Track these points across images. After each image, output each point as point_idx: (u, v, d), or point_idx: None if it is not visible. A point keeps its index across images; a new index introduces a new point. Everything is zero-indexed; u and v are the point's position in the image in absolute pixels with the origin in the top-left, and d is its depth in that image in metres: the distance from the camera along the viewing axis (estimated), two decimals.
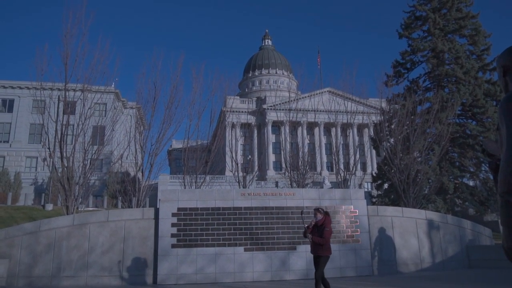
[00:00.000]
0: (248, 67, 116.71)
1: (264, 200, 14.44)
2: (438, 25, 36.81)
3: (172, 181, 63.00)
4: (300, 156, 34.11)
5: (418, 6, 37.78)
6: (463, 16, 36.72)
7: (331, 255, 9.61)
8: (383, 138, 28.87)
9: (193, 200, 14.14)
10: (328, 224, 9.36)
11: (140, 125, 30.16)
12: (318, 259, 9.09)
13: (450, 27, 36.90)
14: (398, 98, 32.98)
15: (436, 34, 36.66)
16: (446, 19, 37.28)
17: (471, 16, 36.80)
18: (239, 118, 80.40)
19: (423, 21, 38.06)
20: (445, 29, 37.01)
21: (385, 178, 33.86)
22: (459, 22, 36.81)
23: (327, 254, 9.04)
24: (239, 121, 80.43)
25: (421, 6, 37.78)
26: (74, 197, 20.54)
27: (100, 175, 57.53)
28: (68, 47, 22.55)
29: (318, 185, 65.34)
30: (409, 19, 38.48)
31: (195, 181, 28.47)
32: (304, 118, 55.49)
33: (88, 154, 22.64)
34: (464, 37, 37.33)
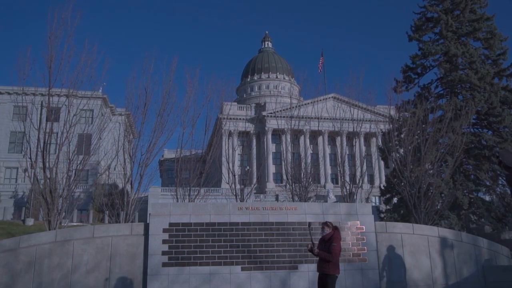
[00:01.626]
0: (246, 71, 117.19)
1: (263, 215, 14.39)
2: (451, 27, 37.08)
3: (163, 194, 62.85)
4: (302, 168, 34.05)
5: (429, 7, 38.09)
6: (477, 18, 37.01)
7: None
8: (392, 148, 28.91)
9: (186, 214, 14.09)
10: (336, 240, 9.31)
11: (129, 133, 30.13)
12: (324, 279, 8.98)
13: (464, 29, 37.17)
14: (408, 105, 33.08)
15: (449, 37, 36.91)
16: (459, 21, 37.57)
17: (486, 18, 37.09)
18: (236, 125, 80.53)
19: (434, 23, 38.34)
20: (458, 31, 37.28)
21: (394, 191, 33.82)
22: (473, 24, 37.09)
23: (334, 273, 8.94)
24: (236, 129, 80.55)
25: (432, 7, 38.09)
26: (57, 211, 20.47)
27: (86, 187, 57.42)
28: (52, 50, 22.65)
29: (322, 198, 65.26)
30: (420, 21, 38.76)
31: (188, 194, 28.37)
32: (307, 126, 55.51)
33: (72, 164, 22.60)
34: (478, 40, 37.59)
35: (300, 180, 32.11)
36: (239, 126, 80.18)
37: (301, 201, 29.55)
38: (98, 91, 42.88)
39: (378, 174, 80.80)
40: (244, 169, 54.82)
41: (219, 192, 60.16)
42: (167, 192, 61.29)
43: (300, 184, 31.77)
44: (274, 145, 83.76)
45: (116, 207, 25.68)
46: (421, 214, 24.56)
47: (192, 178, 29.09)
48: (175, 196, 28.42)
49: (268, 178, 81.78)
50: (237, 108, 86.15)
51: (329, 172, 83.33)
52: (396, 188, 29.49)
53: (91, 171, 60.23)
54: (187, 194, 28.37)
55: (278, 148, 78.71)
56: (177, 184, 28.81)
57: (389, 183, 35.14)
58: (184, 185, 29.16)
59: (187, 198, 28.17)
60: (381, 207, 44.86)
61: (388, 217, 34.54)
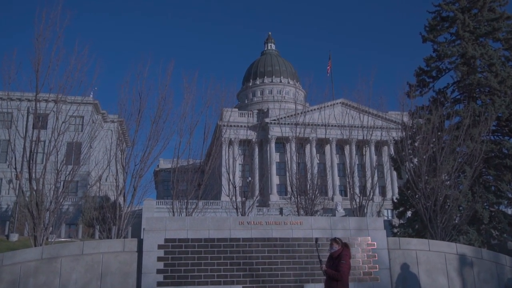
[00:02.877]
0: (248, 75, 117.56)
1: (266, 230, 14.35)
2: (468, 27, 37.15)
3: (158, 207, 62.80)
4: (308, 179, 33.96)
5: (445, 6, 38.19)
6: (496, 17, 37.08)
7: None
8: (405, 157, 28.83)
9: (183, 229, 14.05)
10: (346, 257, 9.30)
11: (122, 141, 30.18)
12: None
13: (482, 29, 37.23)
14: (422, 111, 33.05)
15: (466, 38, 36.98)
16: (477, 20, 37.65)
17: (506, 17, 37.15)
18: (237, 133, 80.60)
19: (450, 22, 38.43)
20: (476, 31, 37.35)
21: (408, 204, 33.68)
22: (492, 23, 37.16)
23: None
24: (237, 137, 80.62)
25: (447, 5, 38.19)
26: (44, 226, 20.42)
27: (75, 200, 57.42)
28: (40, 52, 22.72)
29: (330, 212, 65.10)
30: (434, 20, 38.86)
31: (185, 207, 28.31)
32: (313, 134, 55.49)
33: (61, 175, 22.57)
34: (498, 41, 37.63)
35: (306, 192, 32.02)
36: (240, 134, 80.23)
37: (307, 215, 29.47)
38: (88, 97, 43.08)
39: (390, 186, 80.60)
40: (245, 180, 54.75)
41: (219, 205, 60.06)
42: (162, 205, 61.24)
43: (306, 196, 31.67)
44: (278, 154, 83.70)
45: (108, 222, 25.60)
46: (437, 229, 24.41)
47: (189, 190, 29.03)
48: (171, 210, 28.35)
49: (272, 190, 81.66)
50: (238, 115, 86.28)
51: (337, 183, 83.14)
52: (410, 201, 29.37)
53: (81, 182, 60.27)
54: (184, 208, 28.30)
55: (282, 158, 78.70)
56: (174, 197, 28.76)
57: (402, 196, 34.99)
58: (181, 198, 29.09)
59: (184, 211, 28.10)
60: (394, 221, 44.63)
61: (402, 233, 34.37)
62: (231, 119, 74.99)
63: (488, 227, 33.09)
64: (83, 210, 51.82)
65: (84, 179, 59.05)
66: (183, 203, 28.74)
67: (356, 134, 36.60)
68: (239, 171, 72.22)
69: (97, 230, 40.87)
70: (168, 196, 75.73)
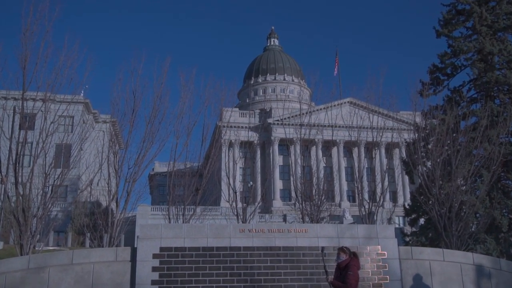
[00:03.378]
0: (249, 72, 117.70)
1: (269, 239, 14.33)
2: (485, 21, 37.11)
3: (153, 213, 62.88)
4: (314, 183, 33.91)
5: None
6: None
7: None
8: (418, 161, 28.78)
9: (179, 237, 14.04)
10: (353, 268, 9.29)
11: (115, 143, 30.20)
12: None
13: (501, 23, 37.20)
14: (436, 111, 33.00)
15: (483, 32, 36.94)
16: (495, 13, 37.61)
17: None
18: (238, 135, 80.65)
19: (466, 16, 38.39)
20: (494, 26, 37.31)
21: (421, 211, 33.62)
22: (511, 17, 37.12)
23: None
24: (238, 138, 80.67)
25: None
26: (31, 233, 20.43)
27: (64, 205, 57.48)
28: (27, 47, 22.75)
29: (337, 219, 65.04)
30: (449, 14, 38.84)
31: (182, 213, 28.29)
32: (319, 135, 55.41)
33: (49, 179, 22.59)
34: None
35: (312, 198, 31.97)
36: (241, 135, 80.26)
37: (313, 222, 29.43)
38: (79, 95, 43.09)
39: (402, 191, 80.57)
40: (246, 185, 54.75)
41: (218, 211, 60.10)
42: (157, 211, 61.27)
43: (311, 202, 31.63)
44: (281, 157, 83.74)
45: (99, 229, 25.60)
46: (452, 238, 24.35)
47: (186, 195, 29.03)
48: (167, 216, 28.34)
49: (275, 196, 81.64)
50: (239, 115, 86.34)
51: (345, 188, 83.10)
52: (423, 207, 29.30)
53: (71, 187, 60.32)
54: (181, 214, 28.28)
55: (286, 161, 78.71)
56: (170, 203, 28.74)
57: (414, 202, 34.92)
58: (178, 204, 29.07)
59: (181, 218, 28.08)
60: (406, 229, 44.56)
61: (414, 241, 34.31)
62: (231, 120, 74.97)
63: (507, 235, 32.99)
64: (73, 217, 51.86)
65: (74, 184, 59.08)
66: (179, 209, 28.71)
67: (365, 136, 36.57)
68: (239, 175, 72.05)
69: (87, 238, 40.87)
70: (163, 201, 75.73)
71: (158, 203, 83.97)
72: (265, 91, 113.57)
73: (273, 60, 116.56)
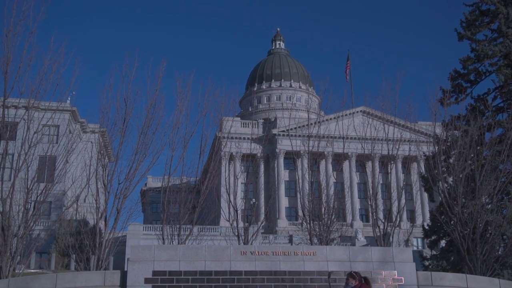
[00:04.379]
0: (252, 78, 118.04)
1: (273, 262, 14.28)
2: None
3: (146, 233, 62.67)
4: (323, 201, 33.84)
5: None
6: None
7: None
8: (438, 176, 28.72)
9: (174, 260, 14.00)
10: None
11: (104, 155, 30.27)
12: None
13: None
14: (458, 121, 32.96)
15: (510, 35, 37.01)
16: None
17: None
18: (239, 147, 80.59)
19: (491, 17, 38.48)
20: None
21: (442, 232, 33.48)
22: None
23: None
24: (239, 151, 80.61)
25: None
26: (11, 254, 20.41)
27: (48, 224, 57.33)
28: (9, 50, 22.92)
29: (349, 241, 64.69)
30: (472, 15, 38.93)
31: (177, 233, 28.27)
32: (329, 148, 55.44)
33: (31, 194, 22.62)
34: None
35: (321, 217, 31.90)
36: (242, 147, 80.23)
37: (322, 244, 29.33)
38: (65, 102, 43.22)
39: (420, 210, 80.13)
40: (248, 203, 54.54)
41: (217, 231, 59.87)
42: (150, 231, 61.09)
43: (320, 222, 31.56)
44: (287, 171, 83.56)
45: (86, 250, 25.57)
46: (477, 262, 24.21)
47: (182, 213, 29.02)
48: (161, 237, 28.30)
49: (280, 214, 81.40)
50: (241, 125, 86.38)
51: (358, 206, 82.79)
52: (444, 228, 29.17)
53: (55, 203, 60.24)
54: (176, 234, 28.26)
55: (292, 176, 78.46)
56: (164, 221, 28.71)
57: (434, 222, 34.76)
58: (173, 223, 29.06)
59: (176, 239, 28.05)
60: (425, 252, 44.33)
61: (434, 266, 34.13)
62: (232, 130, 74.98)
63: None
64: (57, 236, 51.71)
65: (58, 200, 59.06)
66: (175, 228, 28.69)
67: (380, 148, 36.46)
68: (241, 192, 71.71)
69: (73, 260, 40.78)
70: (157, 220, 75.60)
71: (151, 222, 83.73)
72: (270, 98, 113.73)
73: (279, 65, 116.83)
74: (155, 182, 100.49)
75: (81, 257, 26.34)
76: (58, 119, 48.53)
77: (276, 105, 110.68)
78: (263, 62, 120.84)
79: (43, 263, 52.11)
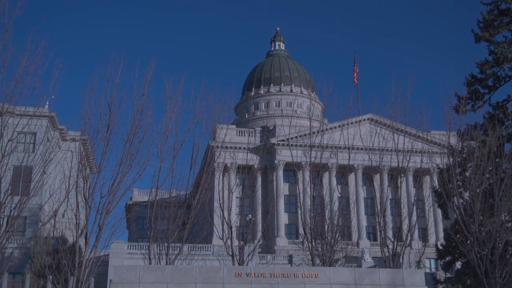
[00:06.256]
0: (249, 82, 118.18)
1: (271, 285, 14.24)
2: None
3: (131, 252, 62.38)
4: (326, 217, 33.85)
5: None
6: None
7: None
8: (453, 191, 28.74)
9: (162, 282, 13.95)
10: None
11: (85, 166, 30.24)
12: None
13: None
14: (475, 130, 33.04)
15: None
16: None
17: None
18: (235, 157, 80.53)
19: (511, 17, 38.65)
20: None
21: (457, 253, 33.42)
22: None
23: None
24: (234, 162, 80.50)
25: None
26: None
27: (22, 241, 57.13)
28: None
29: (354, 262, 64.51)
30: (491, 15, 39.07)
31: (166, 253, 28.19)
32: (333, 159, 55.35)
33: (4, 209, 22.56)
34: None
35: (324, 236, 31.87)
36: (238, 158, 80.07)
37: (325, 265, 29.25)
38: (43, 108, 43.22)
39: (433, 228, 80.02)
40: (244, 219, 54.50)
41: (209, 250, 59.68)
42: (136, 249, 60.84)
43: (323, 240, 31.52)
44: (287, 185, 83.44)
45: (64, 271, 25.49)
46: (496, 286, 24.18)
47: (171, 230, 28.95)
48: (147, 256, 28.23)
49: (278, 232, 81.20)
50: (236, 133, 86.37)
51: (364, 224, 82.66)
52: (460, 248, 29.14)
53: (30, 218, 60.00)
54: (164, 253, 28.18)
55: (292, 190, 78.45)
56: (151, 239, 28.66)
57: (449, 241, 34.72)
58: (161, 241, 29.00)
59: (164, 258, 27.98)
60: (439, 274, 44.22)
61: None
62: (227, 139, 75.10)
63: None
64: (32, 255, 51.48)
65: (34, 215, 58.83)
66: (162, 247, 28.63)
67: (389, 160, 36.54)
68: (236, 207, 71.65)
69: (49, 281, 40.49)
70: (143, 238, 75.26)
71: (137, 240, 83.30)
72: (268, 104, 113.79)
73: (278, 68, 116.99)
74: (142, 196, 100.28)
75: (59, 278, 26.25)
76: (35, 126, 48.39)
77: (275, 112, 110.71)
78: (261, 65, 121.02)
79: (17, 285, 51.87)
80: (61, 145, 68.43)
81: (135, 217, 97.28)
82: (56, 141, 58.35)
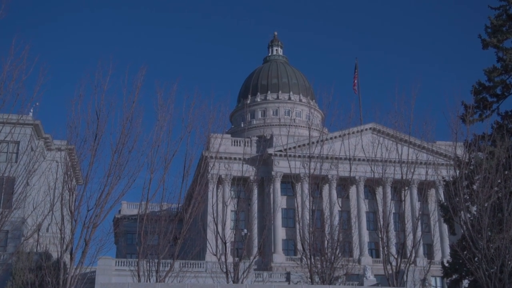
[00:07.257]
0: (246, 89, 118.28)
1: None
2: None
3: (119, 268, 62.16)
4: (326, 233, 33.79)
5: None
6: None
7: None
8: (460, 205, 28.74)
9: None
10: None
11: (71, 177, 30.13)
12: None
13: None
14: (483, 141, 33.08)
15: None
16: None
17: None
18: (229, 168, 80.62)
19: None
20: None
21: (465, 270, 33.39)
22: None
23: None
24: (229, 173, 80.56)
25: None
26: None
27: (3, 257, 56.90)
28: None
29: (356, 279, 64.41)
30: (499, 19, 39.22)
31: (156, 269, 28.09)
32: (333, 170, 55.51)
33: None
34: None
35: (323, 252, 31.82)
36: (233, 169, 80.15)
37: (324, 283, 29.20)
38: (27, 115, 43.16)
39: (439, 244, 79.96)
40: (239, 234, 54.41)
41: (202, 267, 59.46)
42: (124, 266, 60.66)
43: (322, 257, 31.47)
44: (284, 198, 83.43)
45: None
46: None
47: (162, 245, 28.87)
48: (136, 273, 28.10)
49: (276, 248, 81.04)
50: (231, 143, 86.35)
51: (366, 239, 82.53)
52: (467, 266, 29.11)
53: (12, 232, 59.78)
54: (155, 270, 28.09)
55: (290, 203, 78.33)
56: (140, 255, 28.56)
57: (456, 258, 34.69)
58: (151, 256, 28.91)
59: (154, 276, 27.87)
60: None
61: None
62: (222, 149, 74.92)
63: None
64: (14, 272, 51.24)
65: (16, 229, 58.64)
66: (153, 264, 28.53)
67: (392, 172, 36.64)
68: (231, 221, 71.48)
69: None
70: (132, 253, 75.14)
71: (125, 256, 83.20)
72: (265, 113, 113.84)
73: (276, 74, 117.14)
74: (131, 209, 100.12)
75: None
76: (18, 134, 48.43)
77: (273, 121, 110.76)
78: (258, 71, 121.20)
79: None
80: (46, 154, 68.31)
81: (124, 232, 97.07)
82: (41, 151, 58.29)
